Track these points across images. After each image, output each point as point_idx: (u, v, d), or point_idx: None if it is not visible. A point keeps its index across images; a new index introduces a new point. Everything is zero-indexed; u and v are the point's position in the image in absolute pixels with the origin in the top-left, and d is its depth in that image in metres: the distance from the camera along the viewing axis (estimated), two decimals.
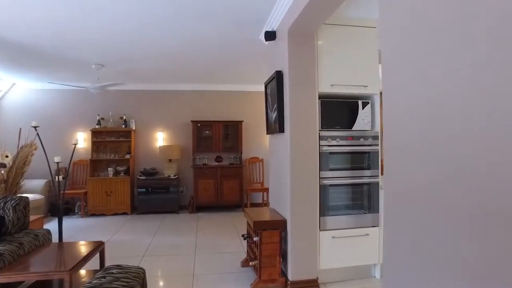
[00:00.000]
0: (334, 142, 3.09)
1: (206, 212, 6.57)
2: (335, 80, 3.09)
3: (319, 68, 3.04)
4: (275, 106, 3.22)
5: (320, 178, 3.04)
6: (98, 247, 2.94)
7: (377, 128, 3.23)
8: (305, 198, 2.96)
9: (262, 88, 7.26)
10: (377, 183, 3.17)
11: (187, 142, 6.91)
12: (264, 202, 6.98)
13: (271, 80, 3.37)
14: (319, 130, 3.07)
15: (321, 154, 3.05)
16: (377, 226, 3.16)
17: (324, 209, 3.05)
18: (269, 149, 3.90)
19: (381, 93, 2.89)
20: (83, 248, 2.92)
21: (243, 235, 3.50)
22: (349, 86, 3.12)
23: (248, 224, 3.49)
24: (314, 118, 3.00)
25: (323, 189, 3.05)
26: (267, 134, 3.77)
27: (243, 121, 6.89)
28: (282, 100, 3.11)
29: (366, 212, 3.15)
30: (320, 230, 3.04)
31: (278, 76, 3.13)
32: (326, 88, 3.07)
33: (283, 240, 3.06)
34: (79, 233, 5.09)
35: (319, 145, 3.05)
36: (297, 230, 2.94)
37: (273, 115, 3.34)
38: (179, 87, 6.95)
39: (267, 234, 2.99)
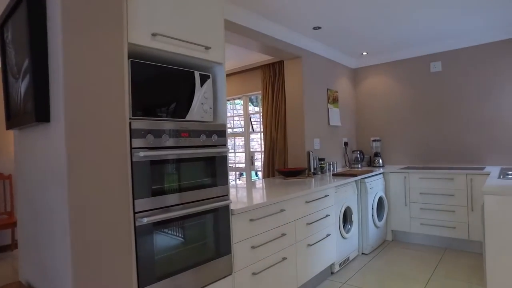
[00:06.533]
0: (158, 142, 1.67)
1: None
2: (160, 26, 1.67)
3: None
4: (26, 64, 1.45)
5: (135, 213, 1.55)
6: None
7: (223, 119, 2.04)
8: (108, 259, 1.40)
9: None
10: (227, 207, 1.99)
11: None
12: (15, 242, 4.47)
13: (13, 9, 1.55)
14: (130, 119, 1.59)
15: (135, 164, 1.56)
16: (230, 274, 1.99)
17: (147, 272, 1.58)
18: (15, 159, 1.96)
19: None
20: None
21: None
22: (183, 43, 1.78)
23: None
24: (119, 95, 1.48)
25: (142, 233, 1.57)
26: (8, 128, 1.84)
27: None
28: (44, 49, 1.40)
29: (214, 256, 1.91)
30: None
31: None
32: (143, 38, 1.61)
33: None
34: None
35: (131, 148, 1.55)
36: None
37: (21, 85, 1.54)
38: None
39: None
